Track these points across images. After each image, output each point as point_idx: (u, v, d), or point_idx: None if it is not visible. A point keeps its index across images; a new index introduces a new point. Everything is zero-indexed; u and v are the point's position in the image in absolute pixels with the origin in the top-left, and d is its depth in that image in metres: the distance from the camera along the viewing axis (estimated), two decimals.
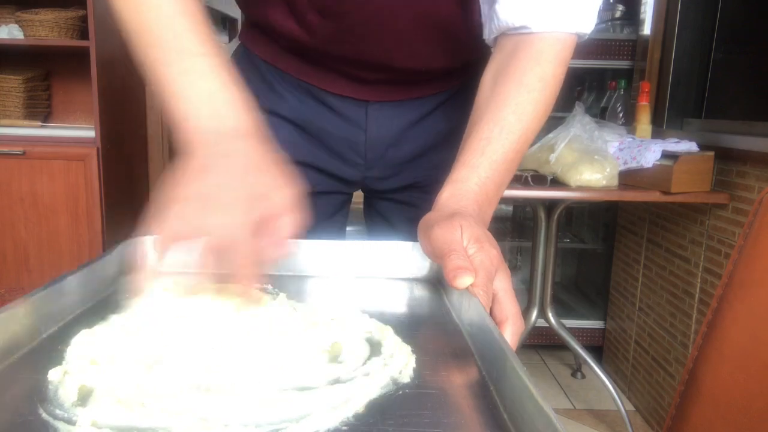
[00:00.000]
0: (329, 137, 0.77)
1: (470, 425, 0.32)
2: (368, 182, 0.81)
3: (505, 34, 0.62)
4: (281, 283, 0.54)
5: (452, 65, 0.74)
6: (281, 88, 0.75)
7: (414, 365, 0.39)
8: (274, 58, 0.74)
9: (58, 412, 0.32)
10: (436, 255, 0.49)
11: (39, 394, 0.34)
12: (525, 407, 0.30)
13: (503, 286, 0.47)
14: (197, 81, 0.51)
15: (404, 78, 0.73)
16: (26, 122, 2.25)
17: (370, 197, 0.86)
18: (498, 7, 0.60)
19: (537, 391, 0.29)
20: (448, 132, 0.78)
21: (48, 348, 0.40)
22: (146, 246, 0.59)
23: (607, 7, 2.29)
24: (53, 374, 0.35)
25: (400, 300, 0.55)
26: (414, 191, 0.81)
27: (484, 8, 0.64)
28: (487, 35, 0.65)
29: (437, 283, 0.58)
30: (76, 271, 0.47)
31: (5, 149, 2.08)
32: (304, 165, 0.77)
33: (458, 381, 0.37)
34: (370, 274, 0.60)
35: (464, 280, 0.44)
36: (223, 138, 0.48)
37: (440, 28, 0.67)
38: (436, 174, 0.76)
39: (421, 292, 0.57)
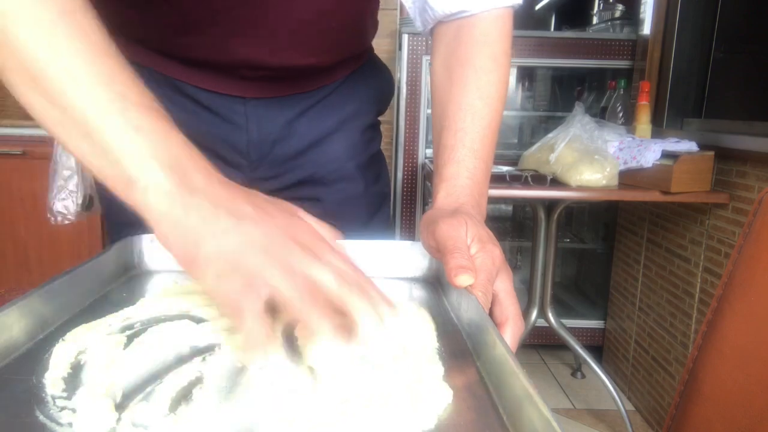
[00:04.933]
0: (206, 138, 0.66)
1: (468, 426, 0.32)
2: (257, 184, 0.71)
3: (443, 21, 0.62)
4: None
5: (341, 59, 0.71)
6: (146, 86, 0.62)
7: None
8: (133, 52, 0.61)
9: (54, 413, 0.32)
10: (438, 250, 0.49)
11: (35, 396, 0.33)
12: (523, 408, 0.30)
13: (504, 287, 0.47)
14: (149, 134, 0.41)
15: (288, 74, 0.68)
16: (26, 122, 2.24)
17: None
18: None
19: (536, 391, 0.29)
20: (342, 122, 0.73)
21: (46, 349, 0.39)
22: (143, 244, 0.59)
23: (607, 7, 2.29)
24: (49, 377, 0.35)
25: (398, 300, 0.55)
26: (312, 186, 0.74)
27: (408, 1, 0.64)
28: (422, 27, 0.65)
29: (436, 282, 0.58)
30: (73, 270, 0.47)
31: (5, 149, 2.08)
32: None
33: (457, 381, 0.37)
34: (369, 273, 0.59)
35: (464, 279, 0.44)
36: (210, 186, 0.40)
37: (336, 24, 0.64)
38: (336, 166, 0.72)
39: (419, 291, 0.57)
